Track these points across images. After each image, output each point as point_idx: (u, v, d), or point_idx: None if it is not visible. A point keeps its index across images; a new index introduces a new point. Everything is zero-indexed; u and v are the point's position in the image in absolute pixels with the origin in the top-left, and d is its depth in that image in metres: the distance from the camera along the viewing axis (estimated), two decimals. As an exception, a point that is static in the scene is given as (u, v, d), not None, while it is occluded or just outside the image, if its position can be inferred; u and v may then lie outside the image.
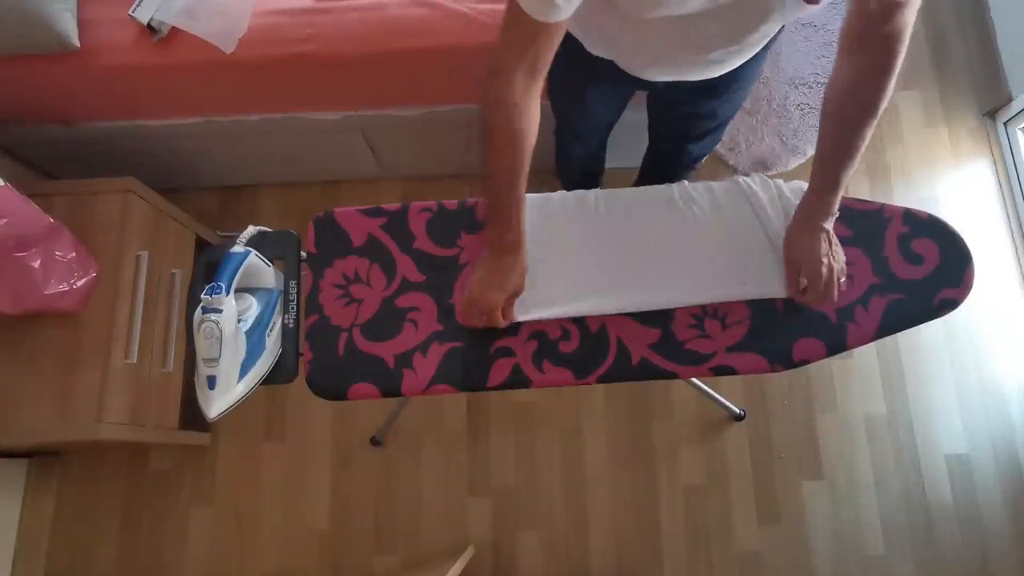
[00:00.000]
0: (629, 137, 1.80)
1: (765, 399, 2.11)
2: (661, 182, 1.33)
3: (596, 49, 1.27)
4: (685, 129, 1.59)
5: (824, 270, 1.15)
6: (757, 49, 1.25)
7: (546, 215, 1.29)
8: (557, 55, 1.40)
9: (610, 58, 1.28)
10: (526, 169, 1.07)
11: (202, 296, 1.09)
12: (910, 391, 2.11)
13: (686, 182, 1.32)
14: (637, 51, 1.22)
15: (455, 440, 2.10)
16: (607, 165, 1.98)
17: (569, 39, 1.26)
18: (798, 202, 1.25)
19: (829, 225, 1.16)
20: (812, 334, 1.20)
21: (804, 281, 1.18)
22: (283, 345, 1.27)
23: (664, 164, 1.80)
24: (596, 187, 1.34)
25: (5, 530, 1.99)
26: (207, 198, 2.35)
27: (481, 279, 1.18)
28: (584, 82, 1.44)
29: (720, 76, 1.28)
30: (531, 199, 1.30)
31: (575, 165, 1.87)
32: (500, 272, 1.17)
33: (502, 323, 1.19)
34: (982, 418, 2.09)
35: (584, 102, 1.52)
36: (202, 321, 1.09)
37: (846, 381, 2.12)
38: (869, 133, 1.06)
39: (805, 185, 1.29)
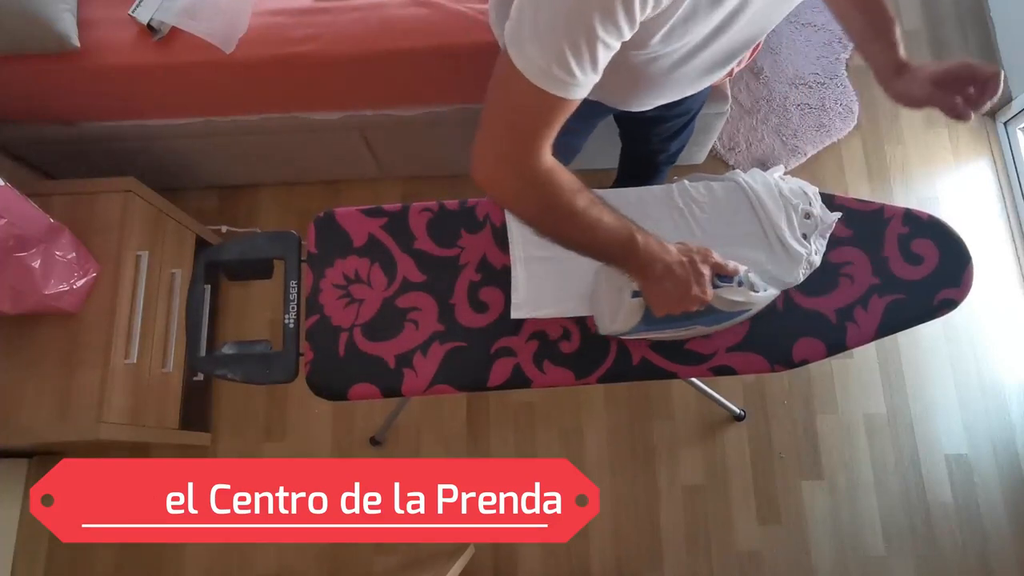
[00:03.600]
0: (606, 139, 1.79)
1: (765, 399, 2.11)
2: (641, 182, 1.33)
3: None
4: (658, 133, 1.58)
5: (945, 69, 1.12)
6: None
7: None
8: None
9: (594, 99, 1.27)
10: (595, 195, 0.97)
11: None
12: (910, 391, 2.11)
13: (686, 181, 1.32)
14: (637, 91, 1.17)
15: (455, 440, 2.10)
16: (585, 167, 1.98)
17: None
18: (797, 200, 1.25)
19: (910, 64, 1.15)
20: (812, 334, 1.21)
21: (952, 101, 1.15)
22: (284, 345, 1.27)
23: (642, 163, 1.79)
24: None
25: (5, 530, 1.98)
26: (207, 198, 2.35)
27: (670, 305, 1.07)
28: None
29: None
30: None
31: None
32: (679, 284, 1.04)
33: (711, 296, 1.07)
34: (982, 418, 2.09)
35: (559, 139, 1.51)
36: None
37: (846, 381, 2.12)
38: None
39: (803, 183, 1.29)
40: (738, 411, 2.05)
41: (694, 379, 1.87)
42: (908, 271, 1.24)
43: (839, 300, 1.23)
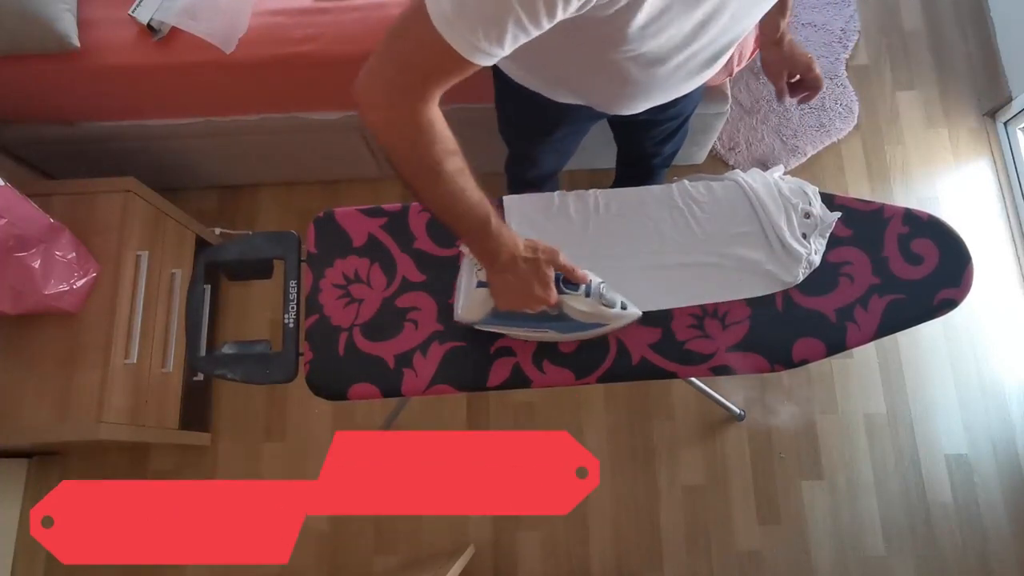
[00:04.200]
0: (605, 139, 1.79)
1: (765, 399, 2.11)
2: (638, 184, 1.33)
3: (565, 98, 1.26)
4: (652, 136, 1.58)
5: (807, 58, 1.34)
6: None
7: (546, 215, 1.29)
8: (520, 108, 1.37)
9: (582, 103, 1.27)
10: (468, 167, 0.96)
11: None
12: (910, 391, 2.11)
13: (686, 181, 1.32)
14: (625, 93, 1.17)
15: (455, 440, 2.10)
16: (584, 167, 1.98)
17: (534, 94, 1.26)
18: (797, 200, 1.25)
19: (788, 35, 1.33)
20: (812, 334, 1.20)
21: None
22: (284, 345, 1.27)
23: (637, 166, 1.79)
24: (555, 188, 1.34)
25: (5, 530, 1.99)
26: (207, 198, 2.35)
27: (510, 300, 1.09)
28: (551, 128, 1.43)
29: None
30: (531, 199, 1.31)
31: (530, 180, 1.82)
32: (522, 281, 1.06)
33: (555, 299, 1.08)
34: (982, 418, 2.09)
35: (552, 141, 1.51)
36: None
37: (846, 381, 2.12)
38: None
39: (803, 183, 1.29)
40: (738, 411, 2.05)
41: (694, 379, 1.87)
42: (908, 271, 1.24)
43: (839, 300, 1.22)
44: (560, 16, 0.78)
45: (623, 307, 1.15)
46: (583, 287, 1.11)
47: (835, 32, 2.48)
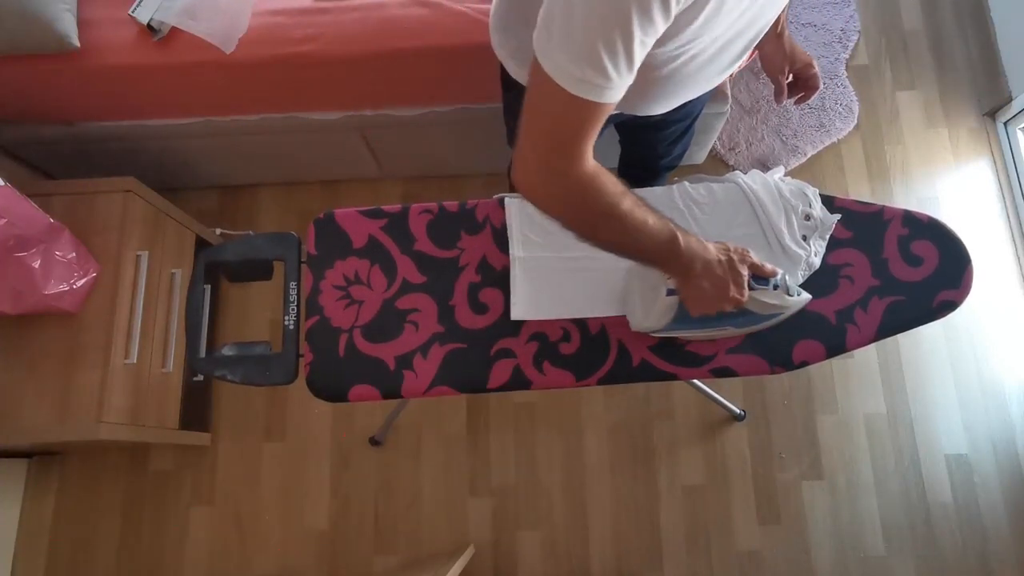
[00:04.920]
0: (604, 140, 1.78)
1: (765, 399, 2.11)
2: (640, 185, 1.33)
3: None
4: (662, 138, 1.57)
5: (807, 56, 1.34)
6: None
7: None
8: None
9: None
10: (638, 197, 0.96)
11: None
12: (910, 391, 2.11)
13: (686, 182, 1.32)
14: (655, 93, 1.16)
15: (455, 440, 2.10)
16: None
17: None
18: (797, 202, 1.25)
19: (787, 31, 1.33)
20: (812, 336, 1.21)
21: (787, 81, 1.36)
22: (283, 346, 1.27)
23: (642, 169, 1.78)
24: None
25: (5, 530, 1.99)
26: (207, 198, 2.35)
27: (707, 305, 1.07)
28: None
29: None
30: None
31: None
32: (716, 284, 1.04)
33: (747, 297, 1.07)
34: (982, 418, 2.09)
35: None
36: None
37: (846, 381, 2.12)
38: None
39: (804, 184, 1.29)
40: (738, 411, 2.05)
41: (694, 380, 1.87)
42: (908, 272, 1.24)
43: (839, 302, 1.23)
44: (674, 11, 0.76)
45: (799, 293, 1.15)
46: (772, 281, 1.11)
47: (835, 32, 2.47)
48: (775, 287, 1.11)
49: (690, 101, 1.28)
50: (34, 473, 2.07)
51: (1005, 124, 2.35)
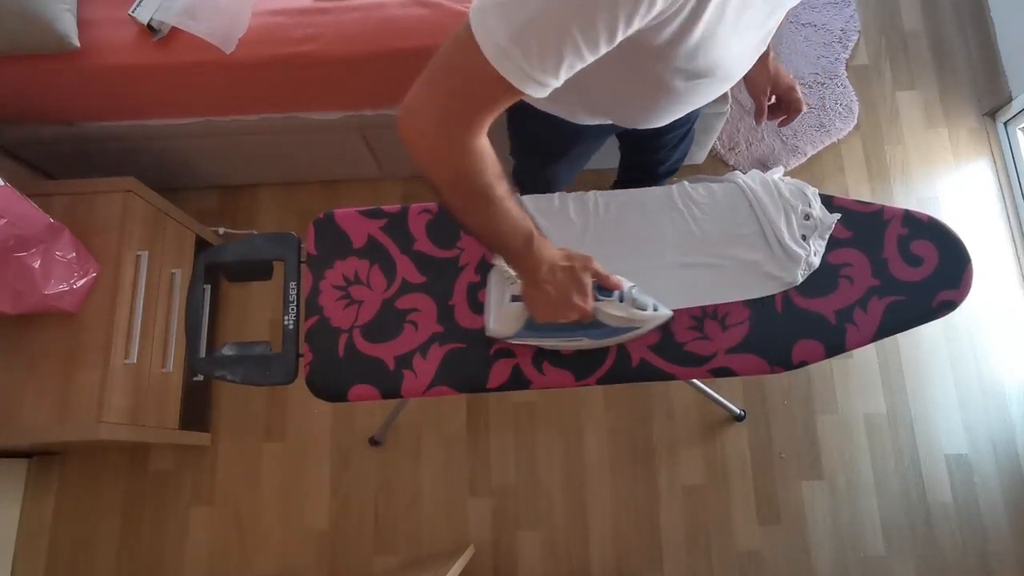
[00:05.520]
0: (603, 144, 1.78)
1: (765, 399, 2.11)
2: (639, 187, 1.33)
3: (585, 120, 1.25)
4: (663, 144, 1.56)
5: (790, 79, 1.35)
6: None
7: (546, 216, 1.29)
8: (537, 131, 1.35)
9: (609, 121, 1.26)
10: (509, 187, 0.94)
11: None
12: (910, 391, 2.11)
13: (686, 182, 1.32)
14: (659, 106, 1.15)
15: (455, 440, 2.10)
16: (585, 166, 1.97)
17: (553, 118, 1.24)
18: (796, 201, 1.25)
19: (772, 52, 1.31)
20: (811, 335, 1.20)
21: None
22: (283, 346, 1.27)
23: (642, 174, 1.77)
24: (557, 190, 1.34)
25: (5, 530, 1.99)
26: (207, 198, 2.35)
27: (548, 312, 1.07)
28: (567, 147, 1.42)
29: None
30: (530, 200, 1.31)
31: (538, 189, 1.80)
32: (559, 291, 1.04)
33: (591, 307, 1.08)
34: (982, 418, 2.09)
35: (570, 158, 1.50)
36: None
37: (846, 381, 2.12)
38: None
39: (803, 184, 1.29)
40: (738, 411, 2.05)
41: (694, 380, 1.87)
42: (908, 272, 1.23)
43: (838, 301, 1.22)
44: (619, 39, 0.75)
45: (654, 308, 1.15)
46: (617, 293, 1.11)
47: (835, 32, 2.47)
48: (621, 299, 1.11)
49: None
50: (34, 473, 2.07)
51: (1005, 124, 2.35)
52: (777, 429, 2.08)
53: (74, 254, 1.67)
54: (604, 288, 1.10)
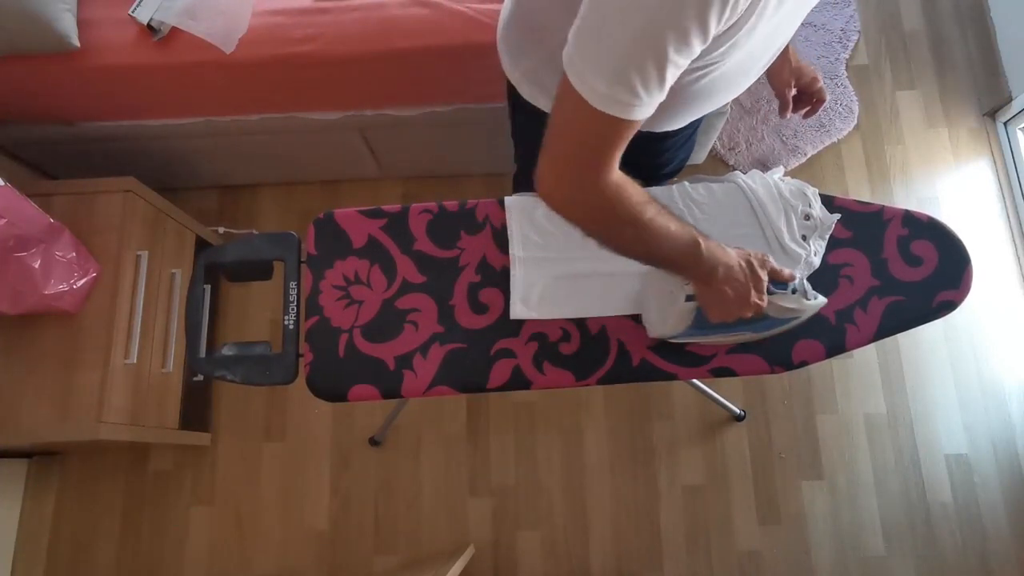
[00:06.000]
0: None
1: (765, 399, 2.11)
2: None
3: None
4: (668, 146, 1.53)
5: (812, 70, 1.34)
6: None
7: (547, 215, 1.29)
8: (541, 132, 1.36)
9: None
10: (661, 205, 0.96)
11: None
12: (910, 391, 2.11)
13: (686, 182, 1.32)
14: (678, 109, 1.14)
15: (455, 440, 2.10)
16: None
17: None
18: (796, 202, 1.25)
19: (791, 45, 1.28)
20: (811, 335, 1.20)
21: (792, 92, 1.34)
22: (283, 346, 1.27)
23: (644, 175, 1.76)
24: None
25: (5, 530, 1.99)
26: (207, 198, 2.35)
27: (727, 311, 1.07)
28: None
29: None
30: (531, 199, 1.31)
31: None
32: (737, 290, 1.05)
33: (766, 302, 1.07)
34: (982, 418, 2.09)
35: None
36: None
37: (846, 381, 2.12)
38: None
39: (803, 184, 1.29)
40: (738, 411, 2.05)
41: (694, 380, 1.87)
42: (907, 272, 1.24)
43: (838, 302, 1.22)
44: (712, 35, 0.74)
45: (816, 296, 1.15)
46: (790, 286, 1.12)
47: (835, 32, 2.48)
48: (793, 291, 1.12)
49: None
50: (34, 473, 2.07)
51: (1005, 124, 2.35)
52: (777, 429, 2.08)
53: (74, 254, 1.67)
54: (778, 282, 1.11)
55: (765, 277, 1.06)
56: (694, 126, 1.53)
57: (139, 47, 1.73)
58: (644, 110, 0.79)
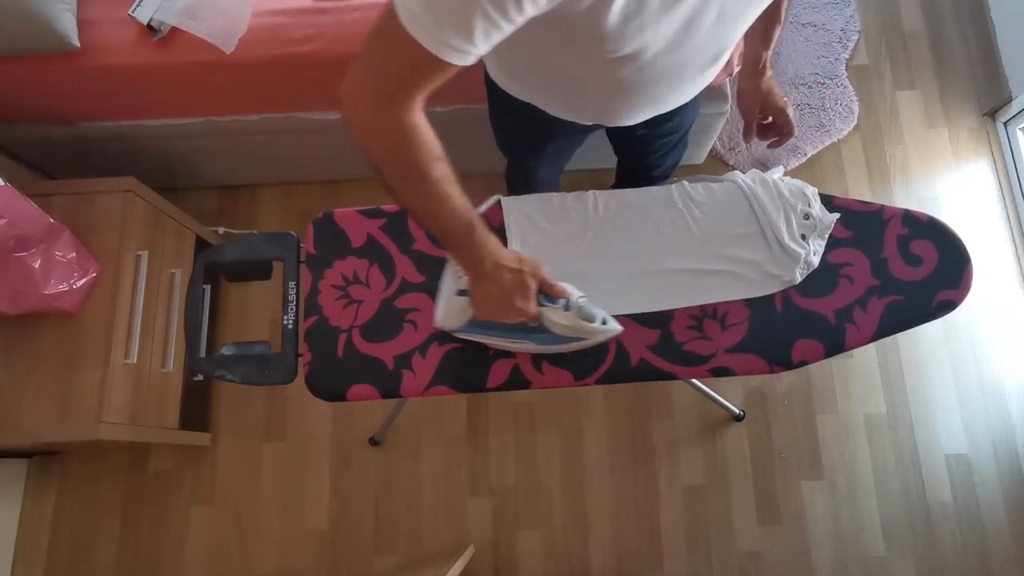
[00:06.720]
0: (603, 140, 1.79)
1: (765, 399, 2.11)
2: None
3: (558, 111, 1.24)
4: (652, 150, 1.56)
5: (782, 101, 1.33)
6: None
7: (546, 215, 1.29)
8: (519, 122, 1.34)
9: (577, 119, 1.25)
10: (453, 173, 0.96)
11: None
12: (910, 391, 2.11)
13: (685, 182, 1.32)
14: (617, 102, 1.15)
15: (455, 440, 2.10)
16: (583, 166, 1.98)
17: (529, 108, 1.24)
18: (796, 201, 1.25)
19: (770, 71, 1.31)
20: (811, 335, 1.21)
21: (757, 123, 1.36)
22: (283, 346, 1.27)
23: (636, 178, 1.77)
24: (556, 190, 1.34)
25: (5, 530, 1.99)
26: (207, 198, 2.35)
27: (490, 310, 1.09)
28: (546, 139, 1.41)
29: None
30: (530, 199, 1.31)
31: (528, 188, 1.78)
32: (503, 291, 1.05)
33: (535, 311, 1.08)
34: (982, 418, 2.09)
35: (548, 154, 1.49)
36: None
37: (846, 381, 2.12)
38: None
39: (803, 184, 1.29)
40: (737, 412, 2.05)
41: (694, 380, 1.87)
42: (907, 272, 1.24)
43: (838, 301, 1.23)
44: (530, 10, 0.76)
45: (603, 322, 1.14)
46: (562, 301, 1.11)
47: (835, 32, 2.47)
48: (567, 308, 1.11)
49: (675, 115, 1.28)
50: (34, 473, 2.07)
51: (1005, 124, 2.35)
52: (777, 429, 2.08)
53: (74, 254, 1.67)
54: (550, 295, 1.10)
55: (533, 285, 1.05)
56: (678, 135, 1.52)
57: (139, 47, 1.73)
58: (450, 52, 0.78)
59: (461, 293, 1.11)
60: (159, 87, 1.80)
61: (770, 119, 1.37)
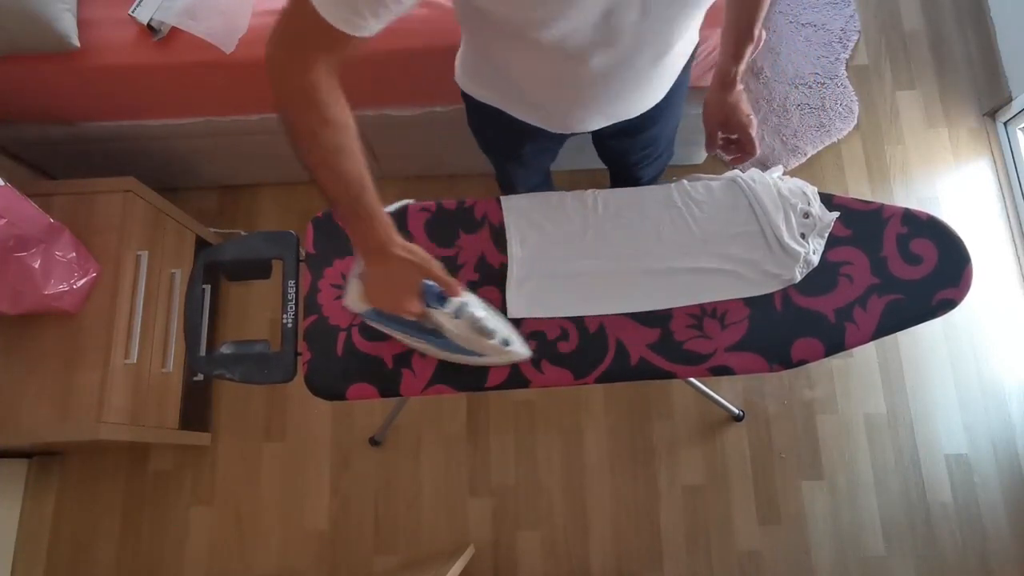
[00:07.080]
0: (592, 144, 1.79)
1: (765, 399, 2.11)
2: None
3: (522, 114, 1.24)
4: (632, 160, 1.54)
5: (747, 119, 1.28)
6: (685, 58, 1.23)
7: (545, 215, 1.29)
8: (487, 124, 1.36)
9: (538, 124, 1.25)
10: (362, 154, 0.95)
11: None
12: (910, 391, 2.11)
13: (685, 181, 1.32)
14: (560, 101, 1.16)
15: (455, 440, 2.10)
16: (580, 167, 1.98)
17: (494, 111, 1.25)
18: (796, 200, 1.25)
19: (740, 86, 1.27)
20: (811, 334, 1.20)
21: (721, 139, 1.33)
22: (282, 345, 1.27)
23: (624, 182, 1.76)
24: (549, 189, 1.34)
25: (5, 530, 1.99)
26: (207, 198, 2.35)
27: (374, 295, 1.07)
28: (519, 142, 1.40)
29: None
30: (529, 199, 1.31)
31: (515, 192, 1.79)
32: (387, 278, 1.04)
33: (418, 308, 1.06)
34: (982, 418, 2.09)
35: (522, 158, 1.49)
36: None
37: (846, 381, 2.12)
38: (766, 4, 1.16)
39: (803, 183, 1.29)
40: (737, 412, 2.05)
41: (693, 379, 1.87)
42: (907, 271, 1.23)
43: (838, 300, 1.22)
44: None
45: (505, 343, 1.12)
46: (451, 306, 1.08)
47: (835, 32, 2.47)
48: (456, 315, 1.08)
49: (648, 127, 1.31)
50: (34, 473, 2.07)
51: (1005, 124, 2.35)
52: (777, 429, 2.08)
53: (74, 254, 1.67)
54: (445, 297, 1.08)
55: (419, 279, 1.03)
56: (658, 148, 1.51)
57: (139, 47, 1.73)
58: (344, 24, 0.82)
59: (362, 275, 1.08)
60: (159, 87, 1.80)
61: (735, 135, 1.32)
